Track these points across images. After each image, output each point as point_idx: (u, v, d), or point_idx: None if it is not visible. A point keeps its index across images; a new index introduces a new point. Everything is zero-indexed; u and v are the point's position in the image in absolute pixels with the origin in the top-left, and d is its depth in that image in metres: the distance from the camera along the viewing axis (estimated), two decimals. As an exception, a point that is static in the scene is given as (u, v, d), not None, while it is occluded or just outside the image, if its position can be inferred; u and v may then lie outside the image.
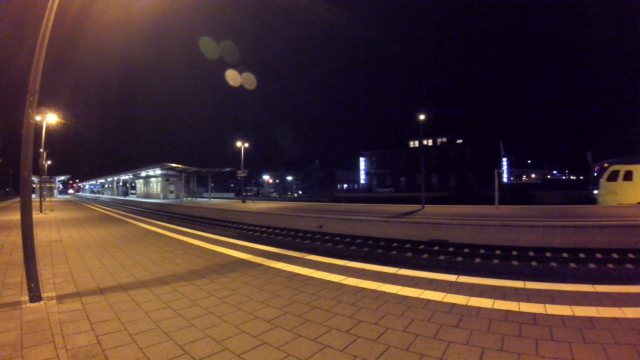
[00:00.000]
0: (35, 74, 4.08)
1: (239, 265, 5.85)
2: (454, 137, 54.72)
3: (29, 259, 3.95)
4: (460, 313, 3.43)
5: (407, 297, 3.95)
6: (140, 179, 54.87)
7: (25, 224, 4.00)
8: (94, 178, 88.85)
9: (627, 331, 2.87)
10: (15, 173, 50.91)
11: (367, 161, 63.44)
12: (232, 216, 21.87)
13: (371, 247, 12.01)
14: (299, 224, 16.70)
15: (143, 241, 8.78)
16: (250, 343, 2.90)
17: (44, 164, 21.34)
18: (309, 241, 13.61)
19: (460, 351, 2.66)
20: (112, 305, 3.83)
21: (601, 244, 10.11)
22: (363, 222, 14.61)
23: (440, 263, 9.75)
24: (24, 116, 4.01)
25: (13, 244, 8.07)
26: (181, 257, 6.57)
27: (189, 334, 3.10)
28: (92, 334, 3.07)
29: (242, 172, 31.61)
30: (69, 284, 4.72)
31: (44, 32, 4.14)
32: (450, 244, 11.51)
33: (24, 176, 4.10)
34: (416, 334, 2.98)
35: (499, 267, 9.12)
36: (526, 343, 2.75)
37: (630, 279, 7.67)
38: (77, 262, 6.20)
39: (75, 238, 9.42)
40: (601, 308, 3.36)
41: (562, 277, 8.01)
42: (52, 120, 17.13)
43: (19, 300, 3.98)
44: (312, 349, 2.78)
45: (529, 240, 10.86)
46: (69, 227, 12.22)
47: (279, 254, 6.68)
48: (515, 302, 3.64)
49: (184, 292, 4.35)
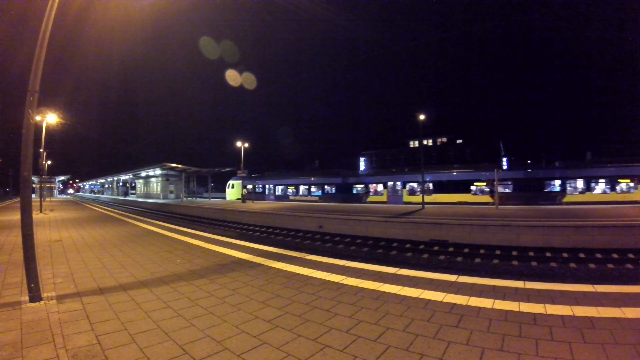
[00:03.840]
0: (35, 74, 4.08)
1: (239, 265, 5.85)
2: (454, 137, 54.69)
3: (29, 259, 3.95)
4: (460, 313, 3.43)
5: (407, 297, 3.95)
6: (140, 179, 54.87)
7: (25, 224, 4.00)
8: (94, 178, 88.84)
9: (627, 331, 2.87)
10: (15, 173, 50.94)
11: (367, 161, 63.44)
12: (232, 216, 21.88)
13: (371, 247, 12.02)
14: (299, 224, 16.70)
15: (143, 241, 8.78)
16: (250, 343, 2.90)
17: (44, 164, 21.33)
18: (309, 241, 13.61)
19: (460, 351, 2.66)
20: (112, 305, 3.83)
21: (601, 244, 10.11)
22: (363, 222, 14.61)
23: (440, 263, 9.75)
24: (24, 116, 4.01)
25: (13, 244, 8.07)
26: (181, 257, 6.57)
27: (189, 334, 3.10)
28: (92, 334, 3.07)
29: (242, 172, 31.62)
30: (69, 284, 4.72)
31: (44, 32, 4.14)
32: (450, 244, 11.51)
33: (24, 176, 4.10)
34: (416, 334, 2.98)
35: (499, 267, 9.12)
36: (526, 343, 2.74)
37: (630, 279, 7.67)
38: (77, 262, 6.20)
39: (75, 238, 9.42)
40: (601, 308, 3.36)
41: (562, 277, 8.01)
42: (52, 120, 17.12)
43: (19, 300, 3.98)
44: (312, 349, 2.78)
45: (529, 240, 10.86)
46: (69, 227, 12.22)
47: (279, 254, 6.69)
48: (515, 302, 3.64)
49: (184, 292, 4.35)
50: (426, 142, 54.50)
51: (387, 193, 29.71)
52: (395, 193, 29.27)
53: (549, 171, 24.63)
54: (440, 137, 55.82)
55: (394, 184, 29.54)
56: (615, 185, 21.86)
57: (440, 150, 55.08)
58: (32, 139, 4.14)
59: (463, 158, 51.79)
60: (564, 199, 22.64)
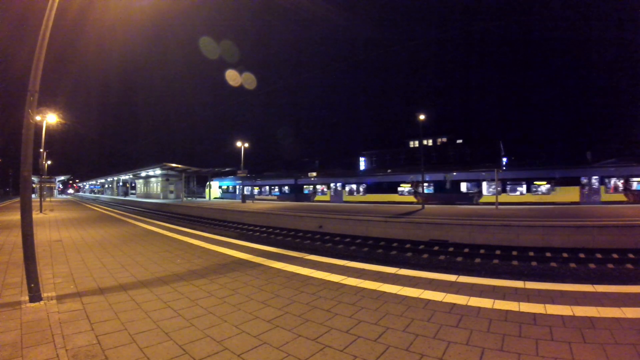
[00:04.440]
0: (35, 74, 4.08)
1: (239, 265, 5.85)
2: (454, 137, 54.69)
3: (29, 259, 3.95)
4: (460, 313, 3.43)
5: (407, 297, 3.95)
6: (140, 179, 54.85)
7: (25, 224, 4.00)
8: (94, 178, 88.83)
9: (627, 331, 2.87)
10: (15, 173, 50.87)
11: (367, 161, 63.43)
12: (232, 216, 21.88)
13: (371, 247, 12.02)
14: (299, 224, 16.70)
15: (143, 241, 8.78)
16: (250, 343, 2.90)
17: (44, 164, 21.33)
18: (309, 241, 13.61)
19: (460, 351, 2.66)
20: (112, 305, 3.83)
21: (601, 244, 10.11)
22: (363, 222, 14.61)
23: (440, 263, 9.75)
24: (24, 116, 4.01)
25: (13, 244, 8.07)
26: (181, 257, 6.57)
27: (189, 334, 3.10)
28: (92, 334, 3.07)
29: (242, 172, 31.63)
30: (69, 284, 4.72)
31: (44, 32, 4.14)
32: (450, 243, 11.51)
33: (24, 176, 4.10)
34: (416, 334, 2.98)
35: (499, 267, 9.12)
36: (526, 343, 2.74)
37: (630, 279, 7.67)
38: (77, 262, 6.20)
39: (75, 238, 9.42)
40: (601, 308, 3.36)
41: (562, 277, 8.01)
42: (52, 120, 17.14)
43: (19, 300, 3.98)
44: (312, 349, 2.78)
45: (529, 240, 10.87)
46: (69, 227, 12.22)
47: (279, 254, 6.69)
48: (515, 302, 3.64)
49: (184, 292, 4.35)
50: (426, 142, 54.51)
51: (331, 193, 33.58)
52: (337, 193, 33.01)
53: (465, 174, 26.34)
54: (440, 137, 55.83)
55: (336, 185, 33.34)
56: (532, 187, 23.27)
57: (440, 150, 55.06)
58: (32, 139, 4.14)
59: (463, 158, 51.81)
60: (481, 200, 23.78)
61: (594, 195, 21.62)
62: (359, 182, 31.25)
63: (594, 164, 26.02)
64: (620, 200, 20.84)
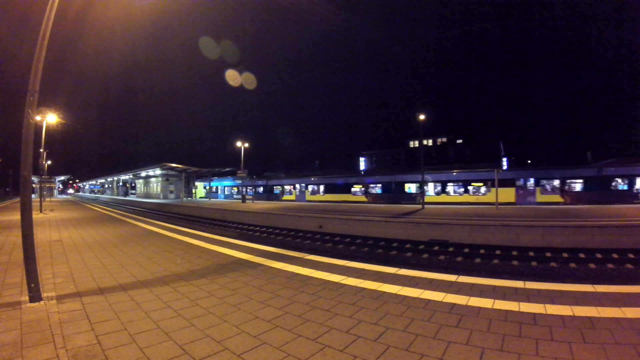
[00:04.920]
0: (35, 74, 4.08)
1: (239, 265, 5.85)
2: (454, 137, 54.68)
3: (29, 259, 3.95)
4: (460, 313, 3.43)
5: (407, 297, 3.95)
6: (140, 179, 54.84)
7: (25, 224, 4.00)
8: (94, 178, 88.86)
9: (627, 331, 2.87)
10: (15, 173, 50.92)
11: (367, 161, 63.45)
12: (232, 216, 21.88)
13: (371, 247, 12.01)
14: (299, 224, 16.70)
15: (143, 241, 8.78)
16: (250, 343, 2.90)
17: (44, 164, 21.35)
18: (309, 241, 13.61)
19: (460, 351, 2.66)
20: (112, 305, 3.83)
21: (601, 244, 10.11)
22: (363, 222, 14.61)
23: (440, 263, 9.75)
24: (24, 116, 4.01)
25: (13, 244, 8.07)
26: (181, 257, 6.57)
27: (189, 334, 3.10)
28: (92, 334, 3.07)
29: (242, 172, 31.63)
30: (69, 284, 4.72)
31: (44, 32, 4.14)
32: (450, 243, 11.51)
33: (24, 176, 4.10)
34: (416, 334, 2.98)
35: (499, 267, 9.12)
36: (526, 343, 2.74)
37: (630, 279, 7.67)
38: (77, 262, 6.20)
39: (75, 238, 9.42)
40: (601, 308, 3.36)
41: (562, 277, 8.01)
42: (52, 120, 17.12)
43: (19, 300, 3.98)
44: (312, 349, 2.78)
45: (529, 240, 10.86)
46: (68, 227, 12.22)
47: (279, 254, 6.69)
48: (515, 302, 3.64)
49: (184, 292, 4.35)
50: (426, 142, 54.49)
51: (296, 193, 36.22)
52: (301, 193, 35.71)
53: (407, 175, 28.67)
54: (440, 137, 55.83)
55: (300, 186, 36.06)
56: (469, 188, 25.21)
57: (440, 150, 55.07)
58: (32, 139, 4.14)
59: (463, 158, 51.81)
60: (425, 200, 24.46)
61: (529, 196, 22.73)
62: (318, 183, 34.58)
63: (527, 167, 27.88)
64: (556, 202, 21.82)
